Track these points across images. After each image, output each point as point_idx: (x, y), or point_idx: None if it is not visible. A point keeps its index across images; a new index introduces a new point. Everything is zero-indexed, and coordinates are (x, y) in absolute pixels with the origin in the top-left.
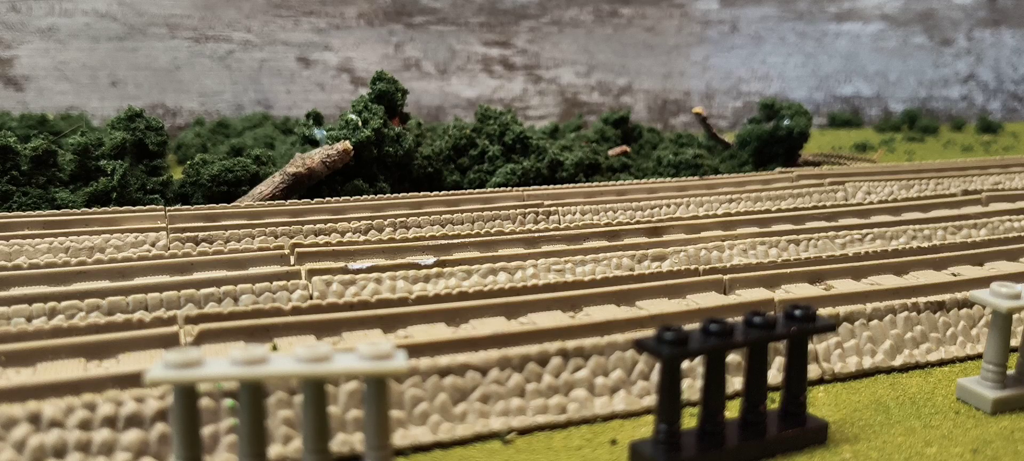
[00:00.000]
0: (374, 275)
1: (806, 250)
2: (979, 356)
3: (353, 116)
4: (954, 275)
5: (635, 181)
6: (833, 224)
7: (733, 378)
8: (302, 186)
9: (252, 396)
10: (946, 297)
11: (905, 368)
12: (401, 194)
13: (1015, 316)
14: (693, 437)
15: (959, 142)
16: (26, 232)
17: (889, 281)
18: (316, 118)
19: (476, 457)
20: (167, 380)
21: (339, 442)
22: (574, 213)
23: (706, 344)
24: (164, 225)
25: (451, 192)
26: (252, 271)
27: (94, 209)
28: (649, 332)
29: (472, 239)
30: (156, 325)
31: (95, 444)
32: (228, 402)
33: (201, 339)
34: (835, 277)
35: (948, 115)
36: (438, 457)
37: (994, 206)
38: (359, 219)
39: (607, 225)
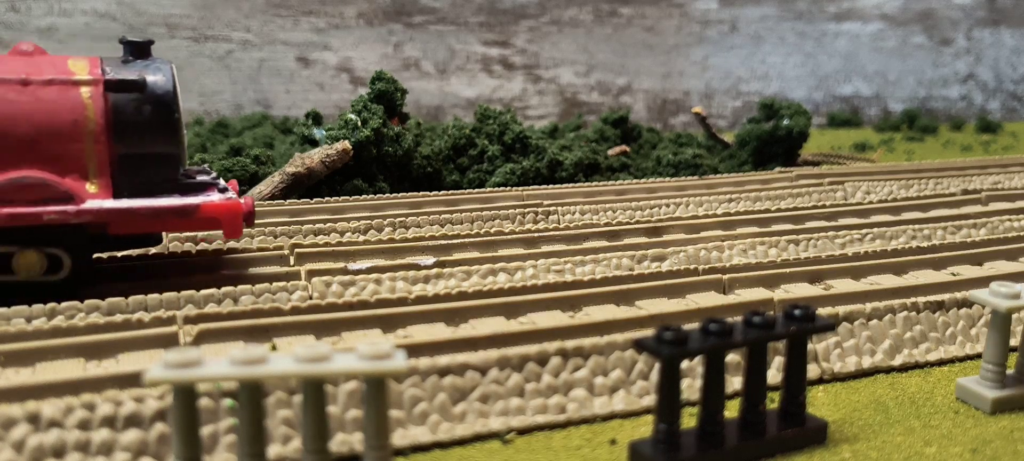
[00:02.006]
0: (374, 275)
1: (805, 250)
2: (978, 356)
3: (352, 116)
4: (953, 275)
5: (635, 181)
6: (832, 224)
7: (733, 378)
8: (301, 186)
9: (251, 396)
10: (945, 297)
11: (904, 368)
12: (400, 194)
13: (1014, 316)
14: (693, 437)
15: (958, 142)
16: None
17: (888, 281)
18: (315, 118)
19: (475, 457)
20: (166, 380)
21: (338, 442)
22: (574, 213)
23: (705, 344)
24: None
25: (450, 192)
26: (252, 271)
27: None
28: (649, 332)
29: (472, 239)
30: (155, 325)
31: (94, 444)
32: (227, 402)
33: (200, 339)
34: (834, 277)
35: (947, 115)
36: (437, 457)
37: (993, 206)
38: (358, 219)
39: (607, 225)
